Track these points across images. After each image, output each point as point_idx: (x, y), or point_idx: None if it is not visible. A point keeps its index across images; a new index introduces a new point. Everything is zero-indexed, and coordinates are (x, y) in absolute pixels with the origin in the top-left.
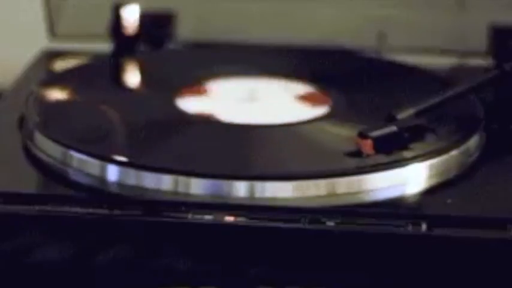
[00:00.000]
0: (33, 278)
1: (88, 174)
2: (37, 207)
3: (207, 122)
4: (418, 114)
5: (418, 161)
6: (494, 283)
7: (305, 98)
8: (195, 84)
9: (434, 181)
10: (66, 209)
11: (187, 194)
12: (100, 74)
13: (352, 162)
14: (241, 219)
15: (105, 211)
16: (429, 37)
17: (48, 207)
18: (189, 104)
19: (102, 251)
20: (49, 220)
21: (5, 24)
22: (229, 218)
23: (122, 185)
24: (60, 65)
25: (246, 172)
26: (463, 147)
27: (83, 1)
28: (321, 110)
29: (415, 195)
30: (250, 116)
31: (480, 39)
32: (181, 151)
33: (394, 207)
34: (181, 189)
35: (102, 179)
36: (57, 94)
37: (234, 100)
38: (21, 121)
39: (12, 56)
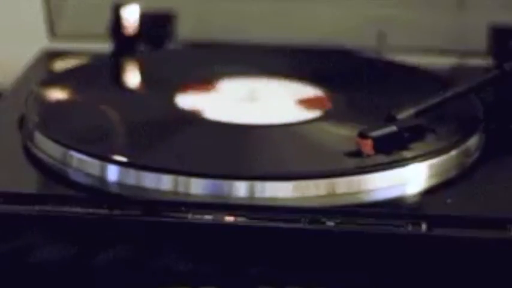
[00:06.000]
0: (33, 278)
1: (88, 174)
2: (37, 207)
3: (207, 122)
4: (418, 114)
5: (418, 161)
6: (494, 283)
7: (305, 98)
8: (195, 85)
9: (434, 181)
10: (66, 209)
11: (187, 194)
12: (100, 74)
13: (352, 162)
14: (241, 219)
15: (105, 211)
16: (429, 37)
17: (48, 207)
18: (189, 104)
19: (102, 251)
20: (49, 220)
21: (5, 24)
22: (229, 218)
23: (122, 185)
24: (60, 65)
25: (246, 172)
26: (463, 147)
27: (83, 1)
28: (320, 110)
29: (415, 195)
30: (250, 116)
31: (480, 39)
32: (181, 151)
33: (394, 207)
34: (181, 189)
35: (102, 179)
36: (57, 94)
37: (234, 100)
38: (21, 121)
39: (12, 56)
